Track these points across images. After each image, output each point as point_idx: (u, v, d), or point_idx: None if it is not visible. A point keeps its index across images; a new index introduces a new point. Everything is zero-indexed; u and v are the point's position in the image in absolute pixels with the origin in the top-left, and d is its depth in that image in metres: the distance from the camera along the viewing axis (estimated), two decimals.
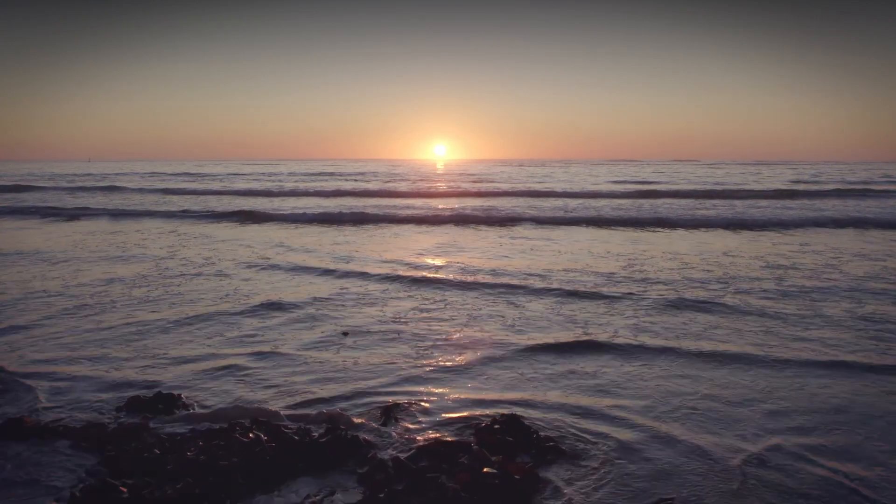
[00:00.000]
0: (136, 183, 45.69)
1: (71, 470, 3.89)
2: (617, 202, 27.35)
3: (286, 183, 45.42)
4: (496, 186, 39.45)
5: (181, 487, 3.63)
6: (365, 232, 17.30)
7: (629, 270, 10.64)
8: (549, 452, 4.20)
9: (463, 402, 5.05)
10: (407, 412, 4.86)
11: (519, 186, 39.30)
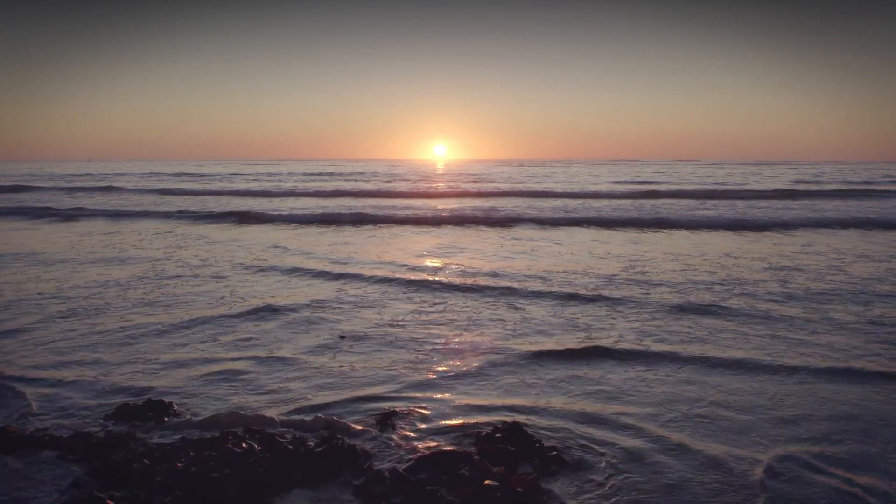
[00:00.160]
0: (134, 183, 45.55)
1: (57, 482, 3.75)
2: (617, 202, 27.22)
3: (285, 183, 45.28)
4: (496, 186, 39.32)
5: (171, 501, 3.49)
6: (364, 233, 17.16)
7: (631, 272, 10.50)
8: (552, 463, 4.06)
9: (463, 408, 4.91)
10: (405, 419, 4.72)
11: (519, 186, 39.17)
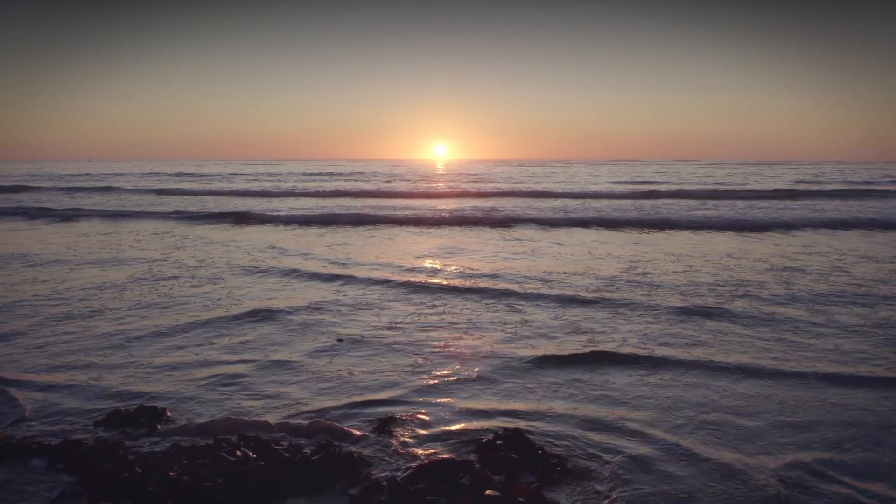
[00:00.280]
0: (133, 183, 45.45)
1: (46, 492, 3.64)
2: (617, 203, 27.12)
3: (285, 183, 45.17)
4: (496, 187, 39.21)
5: None
6: (363, 234, 17.05)
7: (632, 273, 10.39)
8: (555, 471, 3.95)
9: (463, 414, 4.80)
10: (405, 425, 4.62)
11: (519, 187, 39.07)
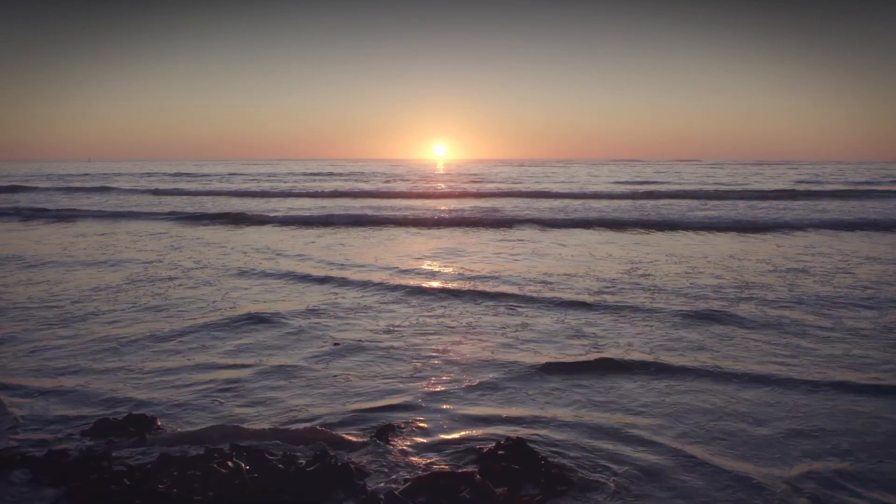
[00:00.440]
0: (133, 183, 45.32)
1: None
2: (618, 203, 26.98)
3: (284, 183, 45.05)
4: (496, 187, 39.08)
5: None
6: (362, 235, 16.90)
7: (634, 275, 10.25)
8: (559, 482, 3.81)
9: (464, 422, 4.66)
10: (403, 433, 4.48)
11: (519, 187, 38.93)
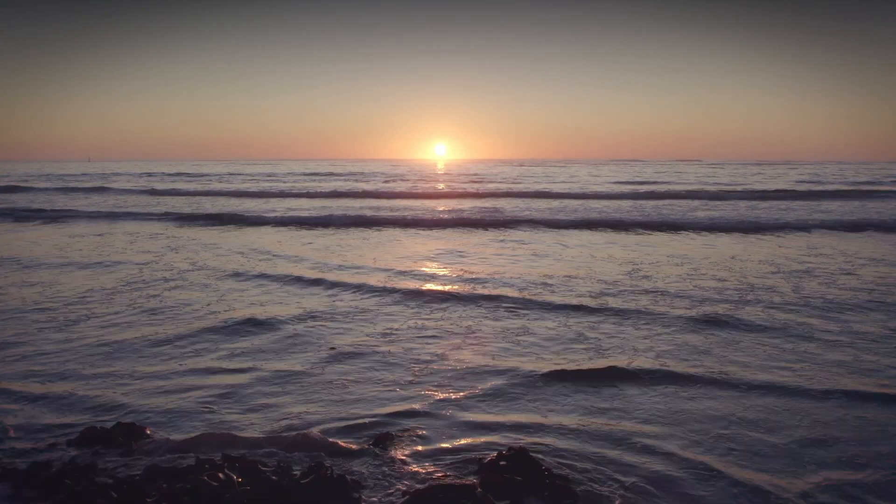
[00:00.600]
0: (133, 183, 45.18)
1: None
2: (619, 203, 26.83)
3: (283, 183, 44.90)
4: (496, 187, 38.94)
5: None
6: (360, 236, 16.75)
7: (637, 277, 10.10)
8: (564, 494, 3.66)
9: (465, 431, 4.51)
10: (402, 443, 4.33)
11: (520, 187, 38.79)
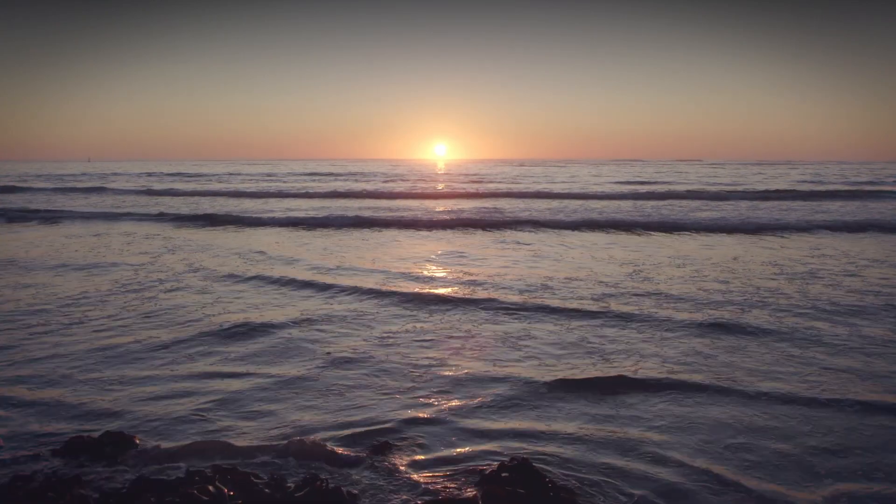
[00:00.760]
0: (131, 183, 45.05)
1: None
2: (619, 204, 26.70)
3: (282, 183, 44.76)
4: (496, 187, 38.81)
5: None
6: (359, 237, 16.60)
7: (639, 279, 9.96)
8: None
9: (464, 440, 4.37)
10: (400, 452, 4.19)
11: (520, 187, 38.66)
